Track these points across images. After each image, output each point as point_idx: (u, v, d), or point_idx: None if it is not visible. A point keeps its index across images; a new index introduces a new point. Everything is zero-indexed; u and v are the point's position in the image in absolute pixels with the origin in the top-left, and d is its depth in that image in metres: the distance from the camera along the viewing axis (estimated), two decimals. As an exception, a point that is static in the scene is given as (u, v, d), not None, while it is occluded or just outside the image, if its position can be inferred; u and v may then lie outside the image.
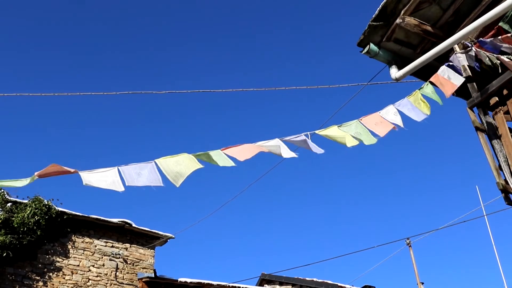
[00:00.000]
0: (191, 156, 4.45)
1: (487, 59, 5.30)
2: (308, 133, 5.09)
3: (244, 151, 4.75)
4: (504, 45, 5.13)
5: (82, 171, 4.10)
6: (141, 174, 4.25)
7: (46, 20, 32.21)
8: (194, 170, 4.37)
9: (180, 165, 4.35)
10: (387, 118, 5.46)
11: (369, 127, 5.33)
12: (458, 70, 5.71)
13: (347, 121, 5.32)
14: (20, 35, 30.38)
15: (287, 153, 4.85)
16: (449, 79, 5.62)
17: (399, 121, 5.45)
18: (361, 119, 5.37)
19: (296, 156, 4.86)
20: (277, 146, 4.84)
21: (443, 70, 5.70)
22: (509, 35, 5.02)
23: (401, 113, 5.51)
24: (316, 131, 5.16)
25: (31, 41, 31.26)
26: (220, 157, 4.58)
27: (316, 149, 5.01)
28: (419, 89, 5.67)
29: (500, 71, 5.27)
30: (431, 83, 5.62)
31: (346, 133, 5.17)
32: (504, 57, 5.13)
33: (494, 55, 5.27)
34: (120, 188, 4.13)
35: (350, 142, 5.13)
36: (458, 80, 5.62)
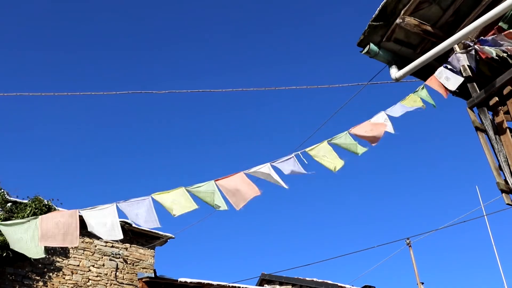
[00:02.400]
0: (186, 193, 4.64)
1: (494, 53, 5.27)
2: (299, 152, 5.26)
3: (240, 196, 4.87)
4: (506, 42, 5.11)
5: (82, 209, 4.27)
6: (139, 215, 4.40)
7: (46, 19, 32.22)
8: (190, 211, 4.60)
9: (176, 204, 4.54)
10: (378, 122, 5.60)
11: (360, 135, 5.48)
12: (456, 71, 5.73)
13: (337, 134, 5.48)
14: (20, 34, 30.40)
15: (279, 182, 5.03)
16: (446, 80, 5.67)
17: (390, 128, 5.56)
18: (350, 130, 5.52)
19: (286, 187, 5.04)
20: (269, 175, 5.03)
21: (441, 71, 5.73)
22: (510, 31, 5.00)
23: (391, 118, 5.64)
24: (306, 150, 5.32)
25: (31, 40, 31.28)
26: (214, 196, 4.74)
27: (304, 170, 5.17)
28: (413, 93, 5.76)
29: (511, 62, 5.26)
30: (427, 86, 5.73)
31: (335, 155, 5.33)
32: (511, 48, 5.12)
33: (500, 48, 5.24)
34: (120, 235, 4.29)
35: (336, 166, 5.29)
36: (455, 82, 5.67)
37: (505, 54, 5.25)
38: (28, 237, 3.97)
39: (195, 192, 4.68)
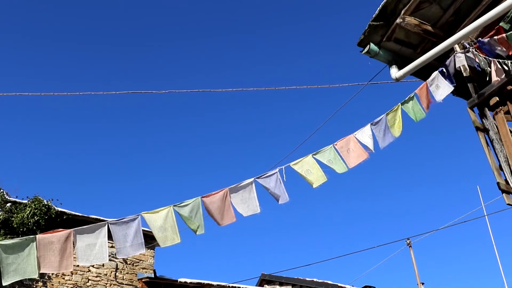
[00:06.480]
0: (173, 218, 5.01)
1: (482, 63, 5.32)
2: (283, 167, 5.46)
3: (224, 215, 5.22)
4: (499, 47, 5.11)
5: (75, 229, 4.68)
6: (127, 236, 4.91)
7: (47, 19, 32.23)
8: (174, 243, 5.03)
9: (164, 232, 4.97)
10: (362, 140, 5.69)
11: (342, 154, 5.60)
12: (450, 77, 5.72)
13: (323, 147, 5.61)
14: (21, 34, 30.40)
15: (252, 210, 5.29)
16: (436, 88, 5.69)
17: (370, 144, 5.66)
18: (335, 144, 5.65)
19: (259, 211, 5.29)
20: (253, 202, 5.31)
21: (434, 78, 5.71)
22: (504, 35, 5.00)
23: (374, 135, 5.72)
24: (291, 164, 5.52)
25: (31, 39, 31.28)
26: (198, 221, 5.12)
27: (283, 198, 5.41)
28: (401, 103, 5.78)
29: (487, 78, 5.28)
30: (417, 95, 5.82)
31: (318, 169, 5.50)
32: (496, 62, 5.15)
33: (489, 58, 5.27)
34: (106, 259, 4.87)
35: (317, 182, 5.47)
36: (444, 92, 5.73)
37: (488, 69, 5.27)
38: (24, 255, 4.13)
39: (181, 214, 5.05)
